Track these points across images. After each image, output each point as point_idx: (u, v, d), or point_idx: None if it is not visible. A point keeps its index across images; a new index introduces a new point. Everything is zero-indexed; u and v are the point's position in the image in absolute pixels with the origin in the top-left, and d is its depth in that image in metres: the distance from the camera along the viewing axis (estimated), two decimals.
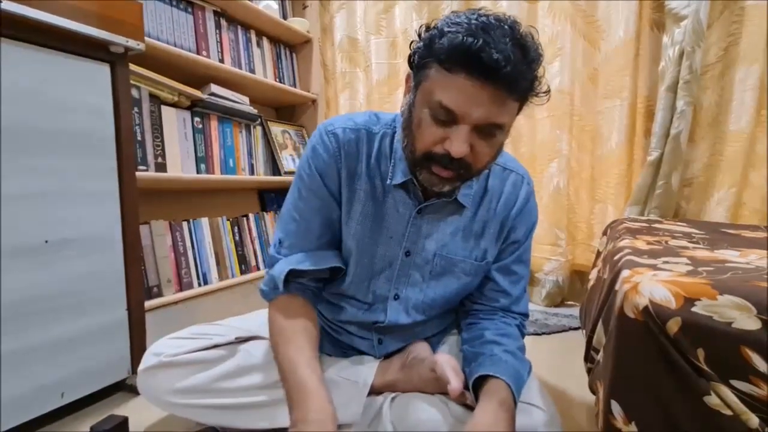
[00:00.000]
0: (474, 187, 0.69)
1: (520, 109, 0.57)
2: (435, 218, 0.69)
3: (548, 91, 0.57)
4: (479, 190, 0.70)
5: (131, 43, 0.93)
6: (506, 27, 0.51)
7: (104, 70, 0.91)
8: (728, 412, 0.42)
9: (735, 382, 0.43)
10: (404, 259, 0.70)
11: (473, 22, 0.51)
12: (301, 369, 0.60)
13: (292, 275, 0.67)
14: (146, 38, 1.05)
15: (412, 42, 0.59)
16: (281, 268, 0.66)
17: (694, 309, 0.44)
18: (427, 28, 0.56)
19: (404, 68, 1.83)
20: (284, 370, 0.62)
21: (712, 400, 0.43)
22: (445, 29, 0.52)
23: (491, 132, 0.55)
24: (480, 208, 0.71)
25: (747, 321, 0.42)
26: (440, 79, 0.53)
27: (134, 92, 1.10)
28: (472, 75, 0.50)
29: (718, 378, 0.43)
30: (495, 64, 0.49)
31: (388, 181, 0.67)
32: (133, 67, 1.04)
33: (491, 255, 0.73)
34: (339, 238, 0.71)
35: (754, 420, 0.42)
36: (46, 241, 0.81)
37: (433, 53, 0.53)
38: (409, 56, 0.58)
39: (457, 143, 0.53)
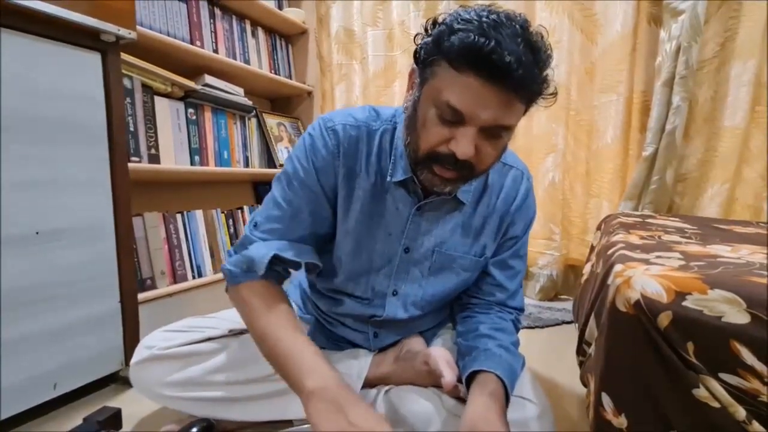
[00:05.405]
0: (474, 184, 0.68)
1: (526, 111, 0.56)
2: (434, 215, 0.68)
3: (555, 94, 0.56)
4: (479, 187, 0.70)
5: (122, 31, 0.91)
6: (517, 27, 0.50)
7: (95, 58, 0.90)
8: (716, 405, 0.43)
9: (724, 375, 0.43)
10: (403, 256, 0.70)
11: (484, 20, 0.49)
12: (307, 345, 0.57)
13: (272, 261, 0.63)
14: (138, 27, 1.03)
15: (416, 35, 0.57)
16: (264, 252, 0.62)
17: (684, 303, 0.44)
18: (435, 23, 0.55)
19: (401, 60, 1.83)
20: (283, 348, 0.57)
21: (701, 392, 0.43)
22: (455, 26, 0.50)
23: (497, 134, 0.54)
24: (480, 204, 0.70)
25: (737, 315, 0.42)
26: (449, 79, 0.51)
27: (126, 82, 1.08)
28: (483, 76, 0.49)
29: (707, 371, 0.43)
30: (507, 66, 0.48)
31: (388, 179, 0.66)
32: (124, 56, 1.03)
33: (490, 250, 0.73)
34: (321, 236, 0.69)
35: (741, 412, 0.42)
36: (37, 233, 0.80)
37: (442, 51, 0.51)
38: (415, 51, 0.56)
39: (464, 144, 0.52)
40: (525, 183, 0.73)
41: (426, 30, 0.55)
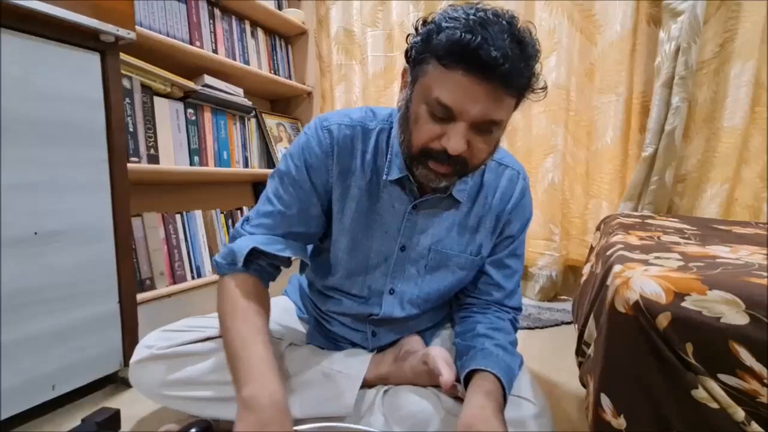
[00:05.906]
0: (469, 183, 0.69)
1: (516, 106, 0.57)
2: (430, 213, 0.69)
3: (545, 88, 0.57)
4: (475, 186, 0.70)
5: (122, 32, 0.91)
6: (504, 22, 0.51)
7: (94, 59, 0.90)
8: (715, 406, 0.43)
9: (722, 376, 0.43)
10: (399, 254, 0.70)
11: (471, 17, 0.51)
12: (257, 347, 0.57)
13: (254, 255, 0.64)
14: (138, 27, 1.03)
15: (408, 35, 0.58)
16: (245, 244, 0.64)
17: (683, 304, 0.44)
18: (424, 23, 0.56)
19: (401, 61, 1.83)
20: (235, 346, 0.57)
21: (700, 393, 0.43)
22: (443, 24, 0.52)
23: (488, 128, 0.55)
24: (476, 203, 0.71)
25: (735, 316, 0.42)
26: (438, 76, 0.53)
27: (126, 83, 1.08)
28: (470, 72, 0.50)
29: (706, 372, 0.43)
30: (493, 61, 0.49)
31: (384, 177, 0.66)
32: (124, 56, 1.03)
33: (486, 249, 0.73)
34: (310, 234, 0.70)
35: (740, 413, 0.42)
36: (36, 233, 0.80)
37: (431, 49, 0.53)
38: (406, 51, 0.58)
39: (455, 140, 0.53)
40: (521, 183, 0.73)
41: (416, 29, 0.57)
